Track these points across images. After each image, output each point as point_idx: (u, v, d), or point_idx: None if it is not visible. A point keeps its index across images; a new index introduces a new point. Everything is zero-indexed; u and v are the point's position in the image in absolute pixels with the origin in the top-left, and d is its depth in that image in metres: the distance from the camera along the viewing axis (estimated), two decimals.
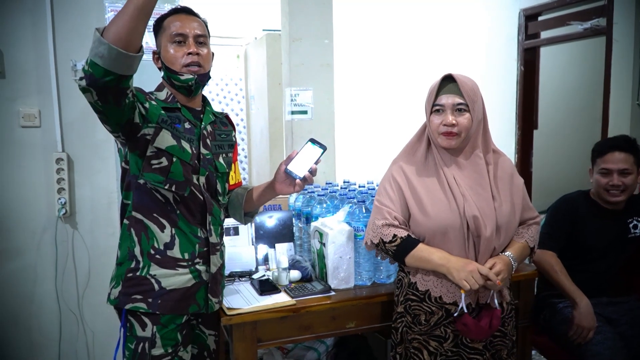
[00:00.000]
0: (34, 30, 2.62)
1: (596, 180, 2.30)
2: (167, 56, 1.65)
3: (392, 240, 1.77)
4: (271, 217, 2.40)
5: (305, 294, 1.98)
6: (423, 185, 1.78)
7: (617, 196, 2.25)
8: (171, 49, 1.64)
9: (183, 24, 1.65)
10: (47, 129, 2.67)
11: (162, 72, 1.70)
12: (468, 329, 1.69)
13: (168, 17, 1.68)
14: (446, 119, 1.71)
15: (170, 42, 1.64)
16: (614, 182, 2.23)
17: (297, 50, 3.91)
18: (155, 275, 1.62)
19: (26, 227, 2.67)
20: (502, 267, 1.71)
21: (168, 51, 1.64)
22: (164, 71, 1.68)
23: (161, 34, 1.67)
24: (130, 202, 1.64)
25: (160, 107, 1.63)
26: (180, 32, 1.64)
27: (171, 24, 1.66)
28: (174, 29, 1.64)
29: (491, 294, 1.73)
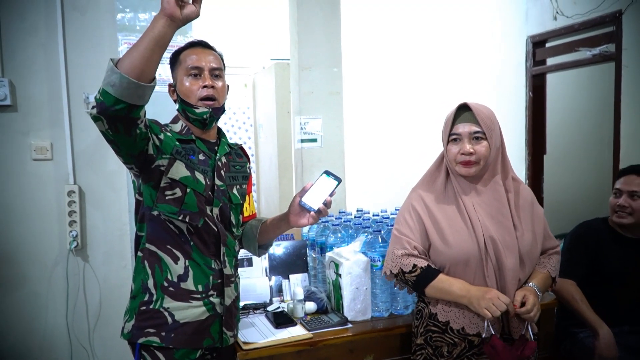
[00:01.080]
0: (47, 64, 2.64)
1: (609, 203, 2.29)
2: (183, 89, 1.65)
3: (412, 271, 1.74)
4: (284, 248, 2.37)
5: (322, 326, 1.94)
6: (443, 214, 1.76)
7: (622, 217, 2.25)
8: (187, 81, 1.65)
9: (199, 57, 1.66)
10: (59, 161, 2.67)
11: (177, 104, 1.70)
12: (496, 351, 1.64)
13: (185, 51, 1.69)
14: (463, 148, 1.70)
15: (186, 75, 1.65)
16: (621, 203, 2.23)
17: (307, 79, 3.93)
18: (168, 309, 1.60)
19: (38, 260, 2.66)
20: (534, 299, 1.68)
21: (184, 84, 1.65)
22: (180, 104, 1.68)
23: (177, 67, 1.68)
24: (144, 234, 1.63)
25: (175, 139, 1.62)
26: (196, 65, 1.65)
27: (187, 57, 1.67)
28: (190, 62, 1.65)
29: (526, 325, 1.70)
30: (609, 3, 3.70)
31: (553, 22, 4.20)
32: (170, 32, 1.31)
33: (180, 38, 2.76)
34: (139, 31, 2.67)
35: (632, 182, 2.26)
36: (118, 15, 2.64)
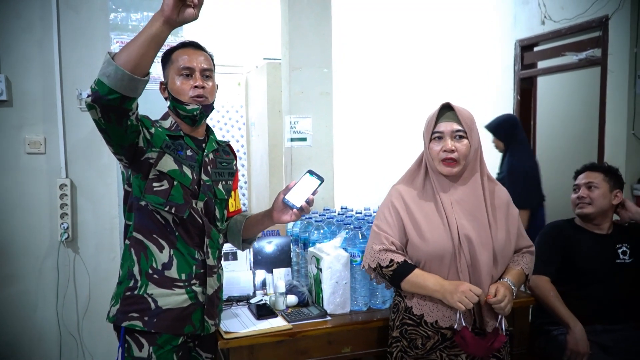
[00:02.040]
0: (42, 61, 2.70)
1: (570, 200, 2.41)
2: (175, 88, 1.72)
3: (389, 265, 1.81)
4: (270, 243, 2.44)
5: (301, 318, 2.01)
6: (421, 210, 1.83)
7: (583, 208, 2.38)
8: (178, 81, 1.72)
9: (190, 58, 1.73)
10: (52, 155, 2.74)
11: (168, 102, 1.77)
12: (465, 342, 1.72)
13: (176, 51, 1.76)
14: (446, 145, 1.77)
15: (178, 75, 1.72)
16: (580, 194, 2.39)
17: (297, 79, 3.99)
18: (152, 295, 1.67)
19: (29, 251, 2.72)
20: (505, 291, 1.75)
21: (175, 83, 1.72)
22: (171, 101, 1.75)
23: (169, 66, 1.75)
24: (132, 223, 1.70)
25: (165, 134, 1.69)
26: (188, 65, 1.72)
27: (179, 57, 1.73)
28: (182, 63, 1.72)
29: (499, 319, 1.77)
30: (596, 8, 3.78)
31: (541, 26, 4.28)
32: (167, 32, 1.38)
33: (172, 38, 2.82)
34: (131, 30, 2.75)
35: (588, 176, 2.41)
36: (111, 14, 2.72)
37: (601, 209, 2.36)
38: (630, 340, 2.30)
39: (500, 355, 1.84)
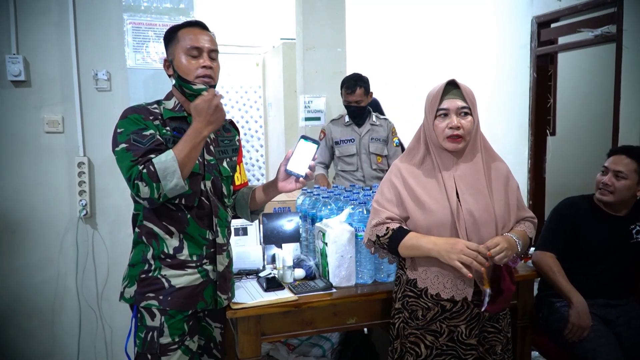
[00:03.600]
0: (59, 43, 2.78)
1: (595, 179, 2.37)
2: (182, 66, 1.74)
3: (385, 234, 1.85)
4: (280, 219, 2.51)
5: (307, 290, 2.07)
6: (420, 184, 1.86)
7: (604, 195, 2.32)
8: (185, 59, 1.73)
9: (197, 38, 1.75)
10: (70, 134, 2.83)
11: (172, 79, 1.80)
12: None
13: (182, 29, 1.78)
14: (451, 122, 1.79)
15: (185, 54, 1.73)
16: (605, 181, 2.31)
17: (311, 58, 4.04)
18: (165, 275, 1.75)
19: (50, 227, 2.83)
20: (500, 239, 1.76)
21: (182, 62, 1.73)
22: (176, 79, 1.77)
23: (175, 44, 1.76)
24: (141, 211, 1.77)
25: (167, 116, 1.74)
26: (196, 45, 1.74)
27: (186, 36, 1.75)
28: (190, 42, 1.73)
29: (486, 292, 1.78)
30: None
31: (557, 2, 4.22)
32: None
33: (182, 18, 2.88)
34: (143, 11, 2.81)
35: (620, 162, 2.31)
36: None
37: (622, 199, 2.33)
38: (631, 313, 2.33)
39: (500, 326, 1.88)
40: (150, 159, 1.61)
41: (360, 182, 3.54)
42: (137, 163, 1.61)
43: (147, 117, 1.71)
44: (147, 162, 1.59)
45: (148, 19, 2.80)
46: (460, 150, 1.83)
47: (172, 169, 1.58)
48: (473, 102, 1.82)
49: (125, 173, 1.63)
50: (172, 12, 2.85)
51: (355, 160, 3.56)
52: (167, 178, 1.58)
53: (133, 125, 1.68)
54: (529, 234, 1.91)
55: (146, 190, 1.58)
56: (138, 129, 1.67)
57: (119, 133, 1.68)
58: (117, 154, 1.66)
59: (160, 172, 1.57)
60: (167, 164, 1.58)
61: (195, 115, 1.62)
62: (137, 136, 1.65)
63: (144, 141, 1.65)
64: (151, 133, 1.68)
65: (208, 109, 1.61)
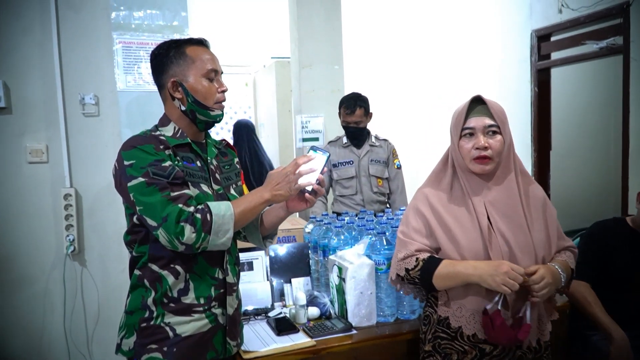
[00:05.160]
0: (42, 64, 2.59)
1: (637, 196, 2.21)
2: (200, 90, 1.56)
3: (415, 266, 1.66)
4: (286, 250, 2.31)
5: (325, 333, 1.87)
6: (450, 214, 1.68)
7: None
8: (205, 82, 1.57)
9: (213, 60, 1.59)
10: (55, 164, 2.62)
11: (178, 104, 1.59)
12: (492, 326, 1.56)
13: (190, 46, 1.59)
14: (478, 142, 1.62)
15: (204, 77, 1.57)
16: None
17: (308, 77, 3.87)
18: (169, 323, 1.53)
19: (34, 264, 2.62)
20: (546, 272, 1.58)
21: (201, 84, 1.56)
22: (190, 104, 1.57)
23: (187, 63, 1.57)
24: (146, 253, 1.55)
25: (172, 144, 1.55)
26: (215, 68, 1.58)
27: (202, 57, 1.57)
28: (209, 64, 1.57)
29: (524, 306, 1.60)
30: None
31: (558, 15, 4.12)
32: None
33: (177, 36, 2.69)
34: (134, 29, 2.61)
35: None
36: (112, 13, 2.58)
37: None
38: None
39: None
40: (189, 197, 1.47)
41: (360, 206, 3.35)
42: (175, 201, 1.43)
43: (158, 146, 1.51)
44: (204, 209, 1.45)
45: (140, 37, 2.60)
46: (489, 172, 1.66)
47: (227, 226, 1.47)
48: (503, 120, 1.66)
49: (159, 211, 1.43)
50: (165, 29, 2.66)
51: (354, 183, 3.37)
52: (219, 234, 1.46)
53: (146, 156, 1.48)
54: (570, 265, 1.73)
55: (193, 236, 1.42)
56: (155, 161, 1.47)
57: (129, 166, 1.47)
58: (134, 190, 1.46)
59: (216, 225, 1.45)
60: (224, 219, 1.46)
61: (266, 181, 1.56)
62: (157, 169, 1.46)
63: (165, 174, 1.46)
64: (170, 164, 1.49)
65: (279, 179, 1.54)
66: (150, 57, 1.64)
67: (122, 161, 1.49)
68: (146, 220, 1.45)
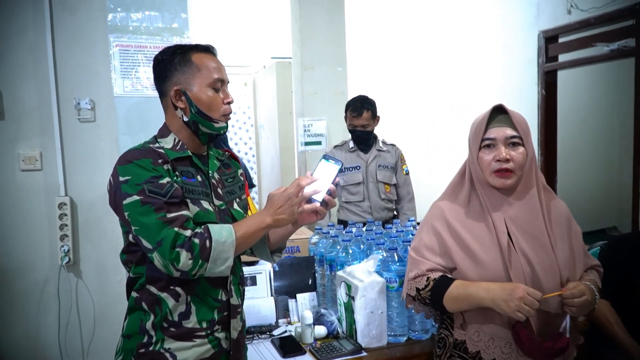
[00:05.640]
0: (35, 68, 2.48)
1: None
2: (205, 101, 1.46)
3: (426, 286, 1.57)
4: (291, 264, 2.21)
5: (333, 355, 1.77)
6: (468, 230, 1.58)
7: None
8: (210, 93, 1.47)
9: (220, 69, 1.49)
10: (49, 171, 2.52)
11: (181, 114, 1.48)
12: (521, 341, 1.48)
13: (196, 54, 1.49)
14: (499, 154, 1.52)
15: (210, 87, 1.47)
16: None
17: (310, 79, 3.77)
18: (170, 349, 1.43)
19: (28, 276, 2.52)
20: (585, 289, 1.49)
21: (206, 94, 1.46)
22: (194, 115, 1.47)
23: (192, 71, 1.47)
24: (143, 274, 1.45)
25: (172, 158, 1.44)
26: (221, 78, 1.48)
27: (208, 65, 1.47)
28: (215, 73, 1.47)
29: (565, 320, 1.52)
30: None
31: (567, 16, 4.02)
32: None
33: (177, 39, 2.58)
34: (132, 32, 2.50)
35: None
36: (109, 15, 2.47)
37: None
38: None
39: None
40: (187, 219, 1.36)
41: (367, 213, 3.25)
42: (171, 224, 1.33)
43: (156, 161, 1.41)
44: (203, 233, 1.34)
45: (138, 40, 2.48)
46: (510, 187, 1.56)
47: (226, 254, 1.36)
48: (525, 131, 1.56)
49: (154, 234, 1.32)
50: (164, 32, 2.54)
51: (361, 190, 3.27)
52: (217, 262, 1.35)
53: (142, 171, 1.37)
54: (598, 284, 1.63)
55: (189, 263, 1.31)
56: (152, 177, 1.37)
57: (124, 182, 1.37)
58: (129, 209, 1.35)
59: (215, 252, 1.33)
60: (225, 247, 1.35)
61: (267, 204, 1.45)
62: (154, 186, 1.36)
63: (163, 192, 1.36)
64: (168, 181, 1.38)
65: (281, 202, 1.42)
66: (153, 62, 1.53)
67: (117, 176, 1.39)
68: (141, 241, 1.35)
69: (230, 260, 1.36)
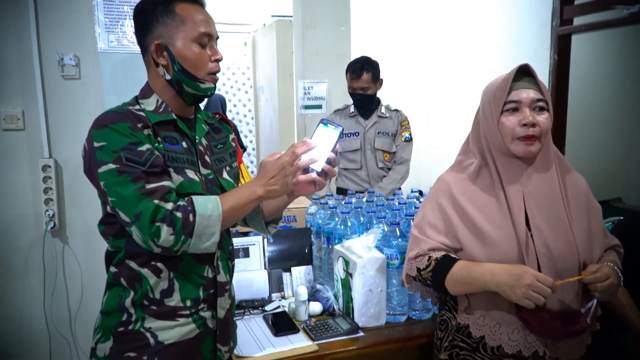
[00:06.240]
0: (16, 22, 2.31)
1: None
2: (190, 57, 1.31)
3: (427, 266, 1.45)
4: (285, 236, 2.09)
5: (328, 335, 1.67)
6: (477, 207, 1.45)
7: None
8: (196, 49, 1.32)
9: (208, 22, 1.33)
10: (32, 132, 2.38)
11: (163, 72, 1.34)
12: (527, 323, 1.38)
13: (182, 4, 1.33)
14: (525, 117, 1.38)
15: (195, 42, 1.32)
16: None
17: (311, 39, 3.59)
18: (150, 328, 1.32)
19: (11, 243, 2.41)
20: (610, 271, 1.38)
21: (191, 51, 1.31)
22: (177, 73, 1.32)
23: (176, 24, 1.31)
24: (122, 248, 1.33)
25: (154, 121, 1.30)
26: (209, 32, 1.32)
27: (194, 17, 1.32)
28: (201, 27, 1.31)
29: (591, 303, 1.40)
30: None
31: None
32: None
33: None
34: None
35: None
36: None
37: None
38: None
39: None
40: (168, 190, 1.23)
41: (365, 182, 3.12)
42: (150, 195, 1.20)
43: (135, 125, 1.26)
44: (186, 206, 1.21)
45: None
46: (532, 156, 1.42)
47: (212, 229, 1.24)
48: (548, 95, 1.41)
49: (132, 206, 1.20)
50: None
51: (359, 157, 3.13)
52: (202, 238, 1.23)
53: (119, 137, 1.23)
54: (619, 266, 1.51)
55: (171, 239, 1.19)
56: (130, 144, 1.23)
57: (98, 148, 1.23)
58: (105, 178, 1.22)
59: (199, 228, 1.22)
60: (210, 221, 1.23)
61: (258, 173, 1.32)
62: (131, 154, 1.22)
63: (142, 160, 1.22)
64: (148, 148, 1.24)
65: (274, 171, 1.28)
66: (134, 13, 1.37)
67: (92, 142, 1.25)
68: (119, 214, 1.22)
69: (217, 236, 1.24)
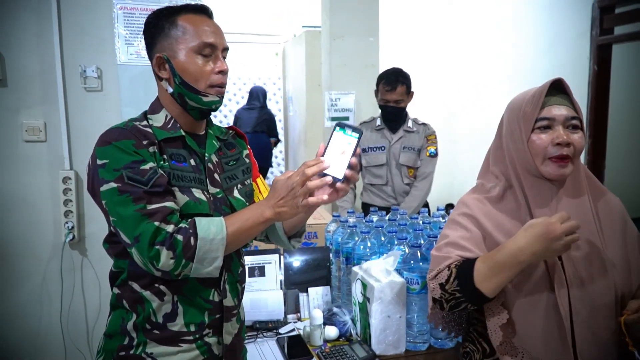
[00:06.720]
0: (39, 31, 2.31)
1: None
2: (190, 69, 1.26)
3: (449, 277, 1.30)
4: (304, 255, 2.01)
5: None
6: (501, 232, 1.34)
7: None
8: (198, 60, 1.26)
9: (213, 32, 1.28)
10: (53, 143, 2.37)
11: (166, 85, 1.29)
12: None
13: (183, 15, 1.28)
14: (559, 136, 1.27)
15: (197, 53, 1.26)
16: None
17: (339, 49, 3.53)
18: (152, 354, 1.26)
19: (30, 254, 2.39)
20: None
21: (192, 63, 1.26)
22: (178, 87, 1.27)
23: (176, 36, 1.27)
24: (125, 269, 1.27)
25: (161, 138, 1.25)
26: (212, 42, 1.26)
27: (196, 27, 1.26)
28: (203, 37, 1.25)
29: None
30: None
31: None
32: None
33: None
34: None
35: None
36: None
37: None
38: None
39: None
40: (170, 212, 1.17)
41: (392, 198, 3.02)
42: (151, 217, 1.14)
43: (139, 143, 1.21)
44: (188, 229, 1.16)
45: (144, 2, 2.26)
46: (564, 178, 1.31)
47: (214, 254, 1.18)
48: (582, 114, 1.30)
49: (131, 228, 1.15)
50: None
51: (384, 172, 3.02)
52: (204, 262, 1.17)
53: (122, 155, 1.18)
54: None
55: (170, 263, 1.14)
56: (132, 162, 1.18)
57: (101, 166, 1.18)
58: (106, 197, 1.18)
59: (201, 252, 1.16)
60: (212, 245, 1.17)
61: (270, 191, 1.24)
62: (133, 172, 1.17)
63: (144, 179, 1.17)
64: (151, 167, 1.19)
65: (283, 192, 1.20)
66: (144, 26, 1.33)
67: (95, 159, 1.20)
68: (120, 234, 1.17)
69: (219, 261, 1.18)
